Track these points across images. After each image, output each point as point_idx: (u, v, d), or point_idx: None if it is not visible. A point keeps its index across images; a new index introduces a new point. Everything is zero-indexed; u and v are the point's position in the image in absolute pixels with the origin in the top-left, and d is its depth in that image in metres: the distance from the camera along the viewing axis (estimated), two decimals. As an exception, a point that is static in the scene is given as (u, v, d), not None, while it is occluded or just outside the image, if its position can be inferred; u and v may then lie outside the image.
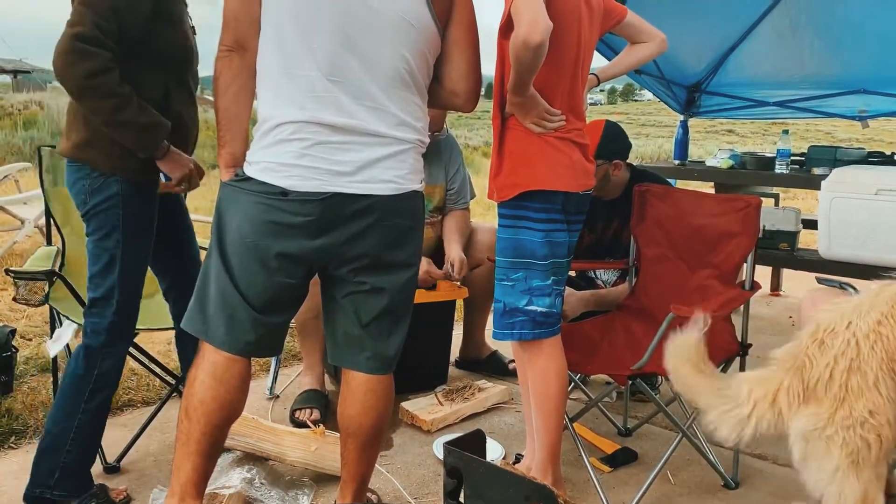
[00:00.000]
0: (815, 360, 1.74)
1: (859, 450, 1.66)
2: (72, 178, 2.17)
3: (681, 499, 2.36)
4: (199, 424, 1.86)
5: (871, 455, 1.67)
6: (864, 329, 1.72)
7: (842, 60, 4.40)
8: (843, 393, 1.69)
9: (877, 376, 1.69)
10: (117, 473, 2.42)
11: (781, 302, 4.83)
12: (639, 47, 2.25)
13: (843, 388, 1.69)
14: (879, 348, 1.70)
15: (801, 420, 1.72)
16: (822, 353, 1.74)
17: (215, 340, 1.86)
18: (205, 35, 2.43)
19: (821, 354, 1.74)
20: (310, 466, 2.36)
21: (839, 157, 3.91)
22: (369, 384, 1.95)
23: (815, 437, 1.70)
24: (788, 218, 3.59)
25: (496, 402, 3.02)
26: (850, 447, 1.67)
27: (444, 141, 3.19)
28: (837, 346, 1.73)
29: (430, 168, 3.05)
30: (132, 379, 3.14)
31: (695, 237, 2.56)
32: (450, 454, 1.62)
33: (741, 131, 29.21)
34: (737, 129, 29.23)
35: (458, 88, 1.95)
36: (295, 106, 1.77)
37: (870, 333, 1.71)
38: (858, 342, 1.71)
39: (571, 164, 2.05)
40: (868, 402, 1.67)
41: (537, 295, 2.07)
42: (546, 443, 2.15)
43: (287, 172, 1.77)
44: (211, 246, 1.89)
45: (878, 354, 1.69)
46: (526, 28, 1.76)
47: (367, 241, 1.83)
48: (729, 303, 2.17)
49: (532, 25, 1.75)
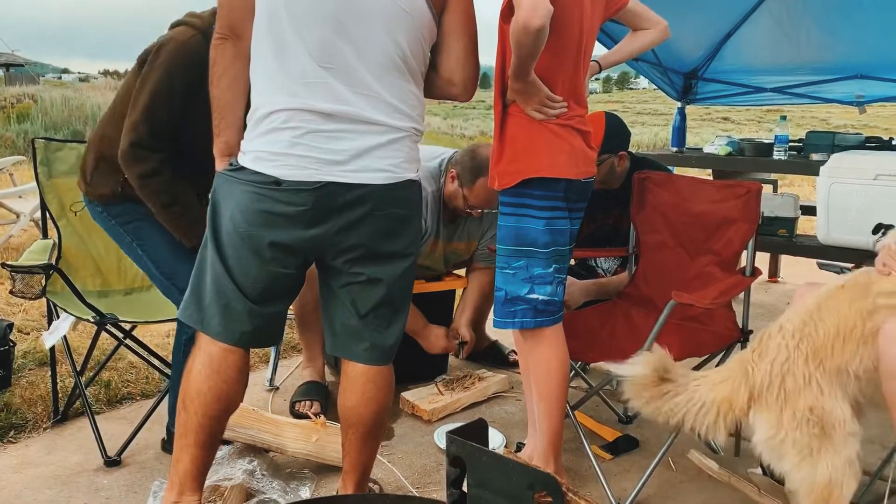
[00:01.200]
0: (756, 367, 1.82)
1: (810, 444, 1.73)
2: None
3: (683, 485, 2.36)
4: (196, 416, 1.85)
5: (824, 445, 1.73)
6: (791, 330, 1.81)
7: (839, 46, 4.38)
8: (783, 395, 1.77)
9: (806, 373, 1.76)
10: (118, 466, 2.41)
11: (780, 288, 4.83)
12: (641, 34, 2.23)
13: (782, 391, 1.77)
14: (805, 346, 1.78)
15: (758, 431, 1.80)
16: (760, 360, 1.82)
17: (211, 331, 1.85)
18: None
19: (760, 361, 1.82)
20: (311, 457, 2.35)
21: (837, 142, 3.90)
22: (368, 375, 1.94)
23: (772, 444, 1.78)
24: (787, 204, 3.57)
25: (496, 392, 3.02)
26: (800, 444, 1.74)
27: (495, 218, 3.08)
28: (771, 352, 1.81)
29: (469, 228, 3.04)
30: (131, 372, 3.13)
31: (695, 224, 2.55)
32: (452, 443, 1.61)
33: (737, 119, 29.23)
34: (732, 117, 29.24)
35: (454, 77, 1.92)
36: (287, 93, 1.75)
37: (795, 333, 1.80)
38: (787, 345, 1.80)
39: (573, 151, 2.03)
40: (806, 399, 1.75)
41: (539, 283, 2.06)
42: (548, 431, 2.15)
43: (280, 161, 1.75)
44: (206, 236, 1.87)
45: (803, 353, 1.78)
46: (526, 12, 1.74)
47: (361, 231, 1.81)
48: (730, 289, 2.16)
49: (532, 9, 1.73)
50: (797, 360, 1.77)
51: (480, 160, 2.69)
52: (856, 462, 1.74)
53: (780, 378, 1.78)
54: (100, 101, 15.73)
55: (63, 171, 2.81)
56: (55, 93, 16.85)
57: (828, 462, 1.72)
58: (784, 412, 1.75)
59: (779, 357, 1.79)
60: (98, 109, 15.25)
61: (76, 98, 15.71)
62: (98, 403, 2.86)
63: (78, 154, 2.76)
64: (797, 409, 1.74)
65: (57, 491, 2.28)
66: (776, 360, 1.79)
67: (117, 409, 2.88)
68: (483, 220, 3.01)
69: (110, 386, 2.98)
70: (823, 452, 1.72)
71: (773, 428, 1.77)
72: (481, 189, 2.74)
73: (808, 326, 1.80)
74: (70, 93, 16.83)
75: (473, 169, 2.74)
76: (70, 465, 2.43)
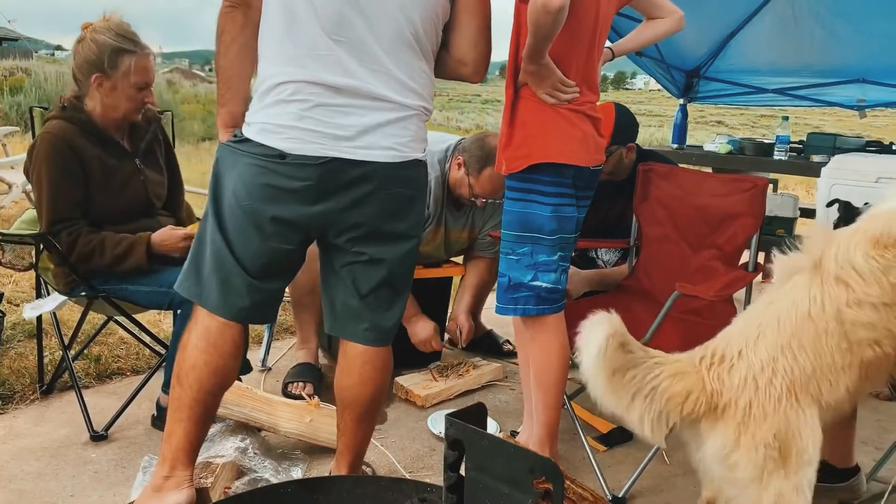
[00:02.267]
0: (713, 385, 1.66)
1: (764, 466, 1.62)
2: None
3: (676, 479, 2.35)
4: (191, 391, 1.82)
5: (777, 469, 1.62)
6: (759, 365, 1.65)
7: (843, 50, 4.39)
8: (746, 419, 1.63)
9: (777, 406, 1.62)
10: (105, 441, 2.38)
11: (773, 289, 4.83)
12: (655, 23, 2.20)
13: (747, 416, 1.63)
14: (778, 383, 1.63)
15: (710, 444, 1.67)
16: (719, 382, 1.66)
17: (209, 304, 1.82)
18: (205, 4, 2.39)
19: (719, 383, 1.66)
20: (304, 438, 2.33)
21: (838, 144, 3.91)
22: (367, 355, 1.91)
23: (722, 460, 1.66)
24: (787, 204, 3.57)
25: (490, 380, 3.00)
26: (753, 465, 1.62)
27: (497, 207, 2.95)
28: (735, 382, 1.65)
29: (473, 216, 3.00)
30: (122, 347, 3.09)
31: (698, 217, 2.53)
32: (452, 426, 1.58)
33: (731, 122, 29.29)
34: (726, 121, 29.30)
35: (466, 57, 1.89)
36: (296, 65, 1.72)
37: (765, 368, 1.64)
38: (756, 379, 1.64)
39: (584, 137, 2.00)
40: (771, 427, 1.62)
41: (543, 270, 2.03)
42: (545, 420, 2.13)
43: (285, 134, 1.72)
44: (207, 208, 1.84)
45: (777, 389, 1.63)
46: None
47: (365, 209, 1.78)
48: (734, 283, 2.15)
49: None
50: (769, 394, 1.63)
51: (489, 149, 2.67)
52: (806, 490, 1.64)
53: (746, 405, 1.63)
54: (93, 78, 15.63)
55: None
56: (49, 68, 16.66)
57: (777, 486, 1.61)
58: (744, 435, 1.62)
59: (746, 390, 1.63)
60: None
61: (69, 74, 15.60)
62: (87, 378, 2.82)
63: None
64: (759, 434, 1.61)
65: (45, 463, 2.25)
66: (742, 391, 1.63)
67: (107, 383, 2.85)
68: (486, 209, 2.98)
69: (100, 360, 2.95)
70: (775, 476, 1.62)
71: (727, 447, 1.64)
72: (487, 179, 2.71)
73: (779, 363, 1.64)
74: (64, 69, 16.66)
75: (481, 158, 2.71)
76: (58, 437, 2.40)
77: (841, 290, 1.65)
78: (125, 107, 2.40)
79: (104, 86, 2.36)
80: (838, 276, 1.66)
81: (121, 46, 2.34)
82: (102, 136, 2.42)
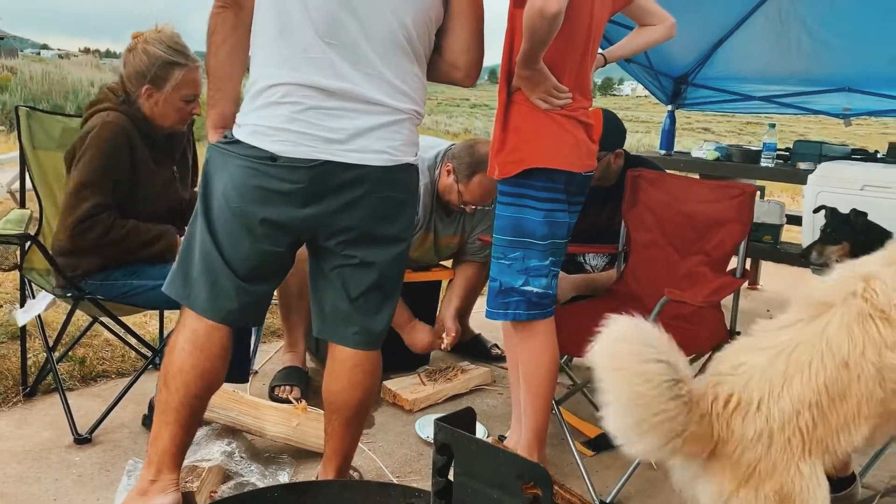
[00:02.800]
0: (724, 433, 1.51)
1: None
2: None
3: (664, 484, 2.35)
4: (178, 394, 1.80)
5: None
6: (779, 420, 1.48)
7: (829, 58, 4.42)
8: (750, 473, 1.49)
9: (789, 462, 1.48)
10: (89, 444, 2.35)
11: (759, 296, 4.86)
12: (647, 30, 2.21)
13: (753, 471, 1.49)
14: (797, 441, 1.47)
15: (704, 485, 1.55)
16: (729, 430, 1.50)
17: (197, 306, 1.80)
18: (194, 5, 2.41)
19: (728, 430, 1.50)
20: (291, 442, 2.31)
21: (824, 152, 3.94)
22: (356, 359, 1.90)
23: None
24: (773, 211, 3.60)
25: (478, 385, 3.00)
26: None
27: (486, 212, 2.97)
28: (748, 432, 1.48)
29: (463, 222, 3.00)
30: (107, 349, 3.07)
31: (686, 224, 2.54)
32: (441, 430, 1.58)
33: (717, 129, 29.52)
34: (713, 128, 29.53)
35: (458, 61, 1.89)
36: (288, 67, 1.71)
37: (785, 426, 1.47)
38: (773, 435, 1.47)
39: (576, 143, 2.01)
40: (776, 482, 1.47)
41: (534, 275, 2.03)
42: (533, 425, 2.13)
43: (277, 137, 1.71)
44: (196, 209, 1.83)
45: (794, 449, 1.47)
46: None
47: (356, 212, 1.78)
48: (722, 289, 2.16)
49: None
50: (783, 452, 1.48)
51: (479, 156, 2.66)
52: None
53: (754, 460, 1.48)
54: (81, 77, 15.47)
55: (46, 143, 2.73)
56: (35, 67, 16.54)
57: None
58: (744, 487, 1.48)
59: (758, 446, 1.48)
60: (80, 85, 14.98)
61: (56, 73, 15.45)
62: (72, 380, 2.79)
63: (63, 127, 2.70)
64: (762, 489, 1.47)
65: (27, 466, 2.22)
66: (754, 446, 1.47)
67: (91, 386, 2.82)
68: (475, 214, 2.98)
69: (85, 362, 2.92)
70: None
71: (724, 496, 1.50)
72: (477, 186, 2.71)
73: (802, 419, 1.47)
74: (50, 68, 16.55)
75: (471, 165, 2.70)
76: (41, 440, 2.37)
77: (888, 329, 1.47)
78: (173, 118, 2.44)
79: (153, 97, 2.39)
80: (885, 314, 1.48)
81: (172, 59, 2.37)
82: (152, 139, 2.44)
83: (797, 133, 25.72)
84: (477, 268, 3.08)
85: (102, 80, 15.68)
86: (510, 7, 1.95)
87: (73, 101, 13.94)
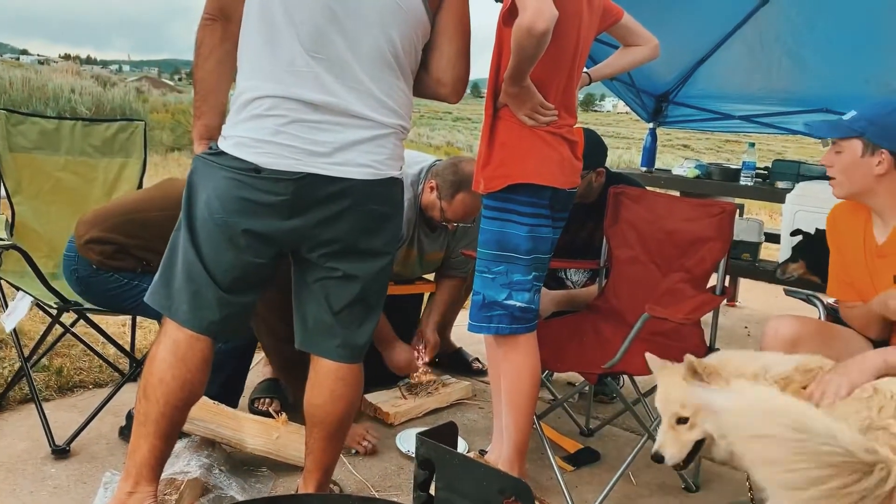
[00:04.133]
0: None
1: None
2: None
3: (642, 500, 2.37)
4: (157, 405, 1.79)
5: None
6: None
7: (808, 79, 4.48)
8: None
9: None
10: (66, 456, 2.32)
11: (737, 313, 4.91)
12: (632, 50, 2.24)
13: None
14: None
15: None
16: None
17: (178, 317, 1.80)
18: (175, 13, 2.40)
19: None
20: (270, 455, 2.29)
21: (802, 171, 4.00)
22: (339, 372, 1.90)
23: None
24: (752, 228, 3.63)
25: (459, 399, 3.00)
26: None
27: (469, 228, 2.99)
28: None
29: (447, 238, 3.00)
30: (84, 360, 3.03)
31: (667, 241, 2.57)
32: (423, 445, 1.59)
33: (696, 147, 29.80)
34: (692, 145, 29.81)
35: (444, 77, 1.91)
36: (274, 80, 1.72)
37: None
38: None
39: (561, 160, 2.03)
40: None
41: (517, 290, 2.04)
42: (515, 439, 2.13)
43: (261, 149, 1.72)
44: (180, 220, 1.83)
45: None
46: (531, 14, 1.72)
47: (340, 225, 1.78)
48: (702, 306, 2.18)
49: (538, 12, 1.71)
50: None
51: (463, 175, 2.67)
52: None
53: None
54: (62, 83, 15.31)
55: (23, 146, 2.72)
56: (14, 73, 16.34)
57: None
58: None
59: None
60: (61, 91, 14.84)
61: (37, 79, 15.26)
62: (48, 390, 2.76)
63: (41, 129, 2.68)
64: None
65: (2, 478, 2.19)
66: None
67: (67, 397, 2.78)
68: (458, 230, 2.99)
69: (62, 373, 2.88)
70: None
71: None
72: (460, 204, 2.72)
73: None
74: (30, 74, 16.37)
75: (455, 183, 2.71)
76: (16, 451, 2.34)
77: None
78: None
79: None
80: None
81: None
82: None
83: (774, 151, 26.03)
84: (458, 282, 3.09)
85: (83, 87, 15.56)
86: (498, 25, 1.97)
87: (54, 107, 13.80)
